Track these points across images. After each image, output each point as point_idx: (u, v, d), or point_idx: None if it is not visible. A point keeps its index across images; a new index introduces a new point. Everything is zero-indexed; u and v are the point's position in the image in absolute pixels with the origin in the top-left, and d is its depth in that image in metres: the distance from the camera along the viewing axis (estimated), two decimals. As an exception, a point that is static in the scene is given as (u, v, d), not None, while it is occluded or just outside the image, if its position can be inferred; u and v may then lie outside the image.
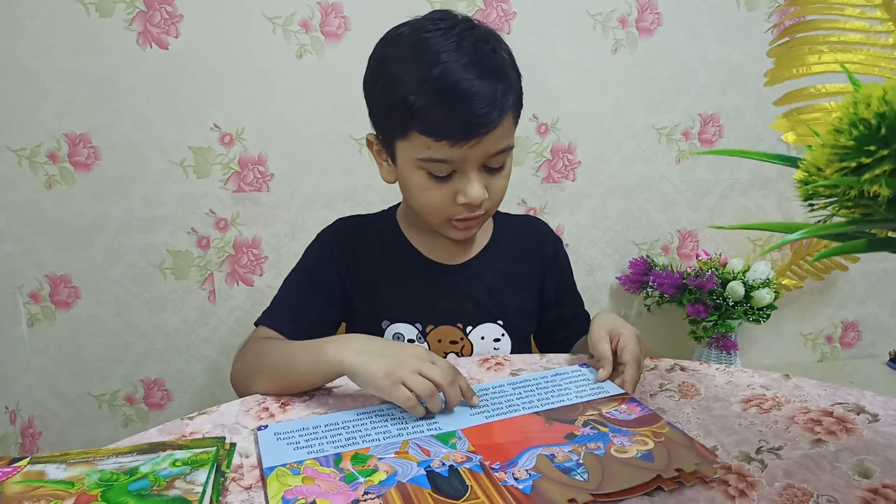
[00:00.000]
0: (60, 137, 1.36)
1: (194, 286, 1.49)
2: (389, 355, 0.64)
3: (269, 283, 1.52)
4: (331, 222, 0.92)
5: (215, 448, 0.56)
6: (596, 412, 0.64)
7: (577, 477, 0.52)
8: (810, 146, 0.34)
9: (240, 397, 0.73)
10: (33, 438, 1.48)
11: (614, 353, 0.71)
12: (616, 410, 0.65)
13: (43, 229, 1.40)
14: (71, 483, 0.50)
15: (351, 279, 0.87)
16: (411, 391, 0.62)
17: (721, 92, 1.61)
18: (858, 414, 0.63)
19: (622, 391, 0.69)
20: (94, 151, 1.38)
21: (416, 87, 0.70)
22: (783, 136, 0.85)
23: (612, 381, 0.71)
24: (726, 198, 1.69)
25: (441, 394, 0.63)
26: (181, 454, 0.54)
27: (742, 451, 0.57)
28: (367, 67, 0.79)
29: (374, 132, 0.81)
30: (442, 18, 0.74)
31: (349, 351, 0.66)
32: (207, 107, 1.40)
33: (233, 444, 0.59)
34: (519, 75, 0.77)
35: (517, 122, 0.78)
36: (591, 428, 0.61)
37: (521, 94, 0.77)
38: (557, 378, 0.72)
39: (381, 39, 0.78)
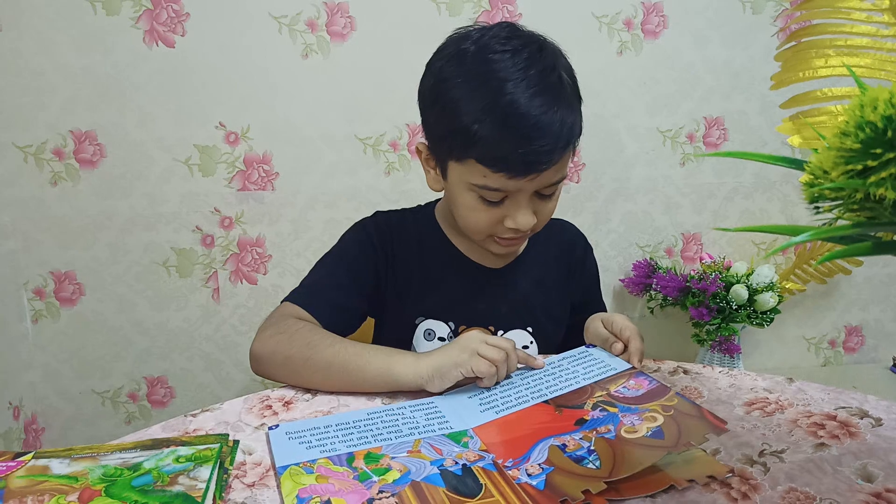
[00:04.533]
0: (66, 134, 1.37)
1: (198, 284, 1.49)
2: (453, 344, 0.69)
3: (273, 281, 1.52)
4: (370, 214, 0.91)
5: (219, 445, 0.56)
6: (604, 392, 0.65)
7: (590, 465, 0.52)
8: (816, 149, 0.34)
9: (259, 373, 0.74)
10: (36, 434, 1.48)
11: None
12: (624, 388, 0.65)
13: (47, 226, 1.40)
14: (75, 478, 0.50)
15: (387, 274, 0.87)
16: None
17: (726, 95, 1.61)
18: (861, 418, 0.63)
19: (629, 366, 0.70)
20: (99, 149, 1.38)
21: (478, 115, 0.69)
22: (789, 139, 0.85)
23: (618, 357, 0.73)
24: (730, 201, 1.68)
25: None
26: (184, 450, 0.55)
27: (745, 453, 0.57)
28: (424, 79, 0.77)
29: (426, 142, 0.80)
30: (509, 38, 0.72)
31: (419, 360, 0.69)
32: (213, 105, 1.41)
33: (236, 442, 0.59)
34: (580, 101, 0.75)
35: (575, 152, 0.77)
36: (600, 410, 0.61)
37: (582, 123, 0.75)
38: (565, 362, 0.73)
39: (443, 52, 0.75)
